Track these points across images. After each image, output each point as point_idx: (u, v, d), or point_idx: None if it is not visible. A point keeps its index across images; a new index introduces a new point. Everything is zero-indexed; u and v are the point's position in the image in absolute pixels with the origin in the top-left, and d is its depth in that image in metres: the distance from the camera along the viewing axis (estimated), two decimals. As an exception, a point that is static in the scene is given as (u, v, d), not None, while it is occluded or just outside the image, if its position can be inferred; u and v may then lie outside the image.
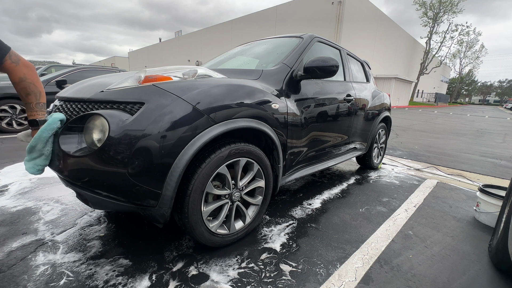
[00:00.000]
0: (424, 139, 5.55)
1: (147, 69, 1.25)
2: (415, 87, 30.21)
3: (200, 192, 1.16)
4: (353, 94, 2.33)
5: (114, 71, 5.79)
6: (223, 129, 1.18)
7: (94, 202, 1.13)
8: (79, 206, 1.80)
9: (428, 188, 2.48)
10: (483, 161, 3.78)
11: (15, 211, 1.69)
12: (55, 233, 1.46)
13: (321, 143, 1.98)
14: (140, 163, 1.01)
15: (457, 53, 42.79)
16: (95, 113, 1.04)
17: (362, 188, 2.42)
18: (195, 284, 1.13)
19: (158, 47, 37.43)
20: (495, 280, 1.24)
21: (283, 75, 1.64)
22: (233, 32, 24.80)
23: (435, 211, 1.97)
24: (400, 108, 20.02)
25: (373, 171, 3.00)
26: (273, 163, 1.56)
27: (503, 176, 3.04)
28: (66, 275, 1.14)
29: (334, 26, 17.24)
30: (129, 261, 1.25)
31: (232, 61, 2.27)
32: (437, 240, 1.57)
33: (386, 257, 1.37)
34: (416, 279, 1.22)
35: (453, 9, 29.94)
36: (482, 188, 1.86)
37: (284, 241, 1.48)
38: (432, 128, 7.96)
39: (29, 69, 1.07)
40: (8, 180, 2.20)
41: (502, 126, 10.11)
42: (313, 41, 1.97)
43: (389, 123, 3.23)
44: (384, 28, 22.89)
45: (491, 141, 5.88)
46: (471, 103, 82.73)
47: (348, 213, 1.87)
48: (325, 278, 1.19)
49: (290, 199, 2.07)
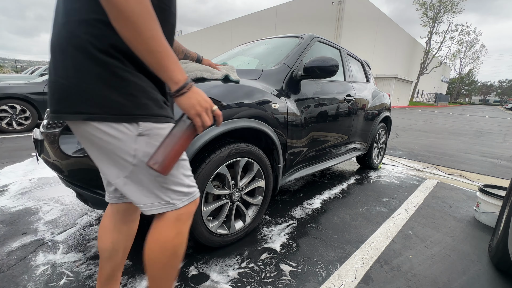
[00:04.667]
0: (424, 139, 5.55)
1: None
2: (415, 87, 30.21)
3: (200, 192, 1.16)
4: (353, 94, 2.33)
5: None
6: (223, 129, 1.18)
7: (94, 202, 1.13)
8: (79, 206, 1.80)
9: (428, 188, 2.48)
10: (483, 161, 3.78)
11: (15, 211, 1.69)
12: (55, 233, 1.46)
13: (321, 143, 1.98)
14: (140, 163, 1.00)
15: (457, 53, 42.81)
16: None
17: (362, 188, 2.42)
18: (195, 284, 1.13)
19: (158, 47, 37.41)
20: (495, 280, 1.24)
21: (283, 75, 1.64)
22: (233, 32, 24.81)
23: (435, 211, 1.97)
24: (400, 108, 20.02)
25: (373, 171, 3.00)
26: (273, 163, 1.56)
27: (503, 176, 3.04)
28: (66, 275, 1.14)
29: (334, 26, 17.25)
30: (129, 261, 1.25)
31: (232, 61, 2.27)
32: (437, 240, 1.57)
33: (386, 257, 1.37)
34: (416, 279, 1.22)
35: (453, 9, 29.96)
36: (482, 188, 1.86)
37: (284, 241, 1.48)
38: (432, 128, 7.96)
39: None
40: (8, 180, 2.20)
41: (502, 126, 10.12)
42: (313, 41, 1.97)
43: (389, 123, 3.23)
44: (384, 28, 22.89)
45: (491, 141, 5.88)
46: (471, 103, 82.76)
47: (348, 213, 1.87)
48: (325, 278, 1.19)
49: (290, 199, 2.07)
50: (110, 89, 0.56)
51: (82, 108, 0.55)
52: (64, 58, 0.55)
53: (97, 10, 0.52)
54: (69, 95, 0.55)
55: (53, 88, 0.57)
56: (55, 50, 0.56)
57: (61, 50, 0.55)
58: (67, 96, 0.56)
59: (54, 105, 0.57)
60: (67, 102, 0.56)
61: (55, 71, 0.56)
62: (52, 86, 0.57)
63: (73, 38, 0.53)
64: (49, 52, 0.58)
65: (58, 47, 0.55)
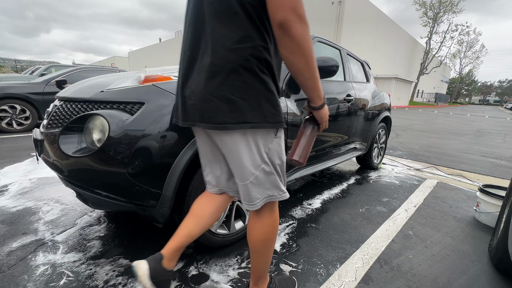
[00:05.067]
0: (424, 139, 5.55)
1: (147, 69, 1.25)
2: (415, 87, 30.20)
3: (200, 192, 1.16)
4: (353, 94, 2.33)
5: (114, 71, 5.79)
6: (223, 129, 1.18)
7: (94, 202, 1.13)
8: (79, 206, 1.80)
9: (428, 188, 2.48)
10: (483, 161, 3.78)
11: (15, 211, 1.69)
12: (55, 233, 1.46)
13: (321, 143, 1.98)
14: (140, 163, 1.01)
15: (457, 53, 42.77)
16: (95, 113, 1.04)
17: (362, 188, 2.42)
18: (195, 284, 1.13)
19: (158, 47, 37.44)
20: (495, 280, 1.24)
21: (283, 75, 1.64)
22: (233, 32, 24.76)
23: (435, 211, 1.97)
24: (400, 108, 20.02)
25: (373, 171, 3.00)
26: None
27: (503, 176, 3.04)
28: (66, 275, 1.14)
29: (334, 26, 17.24)
30: (129, 261, 1.25)
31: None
32: (437, 240, 1.57)
33: (386, 257, 1.37)
34: (416, 279, 1.22)
35: (453, 9, 29.95)
36: (482, 188, 1.86)
37: (284, 241, 1.48)
38: (432, 128, 7.96)
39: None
40: (8, 180, 2.20)
41: (502, 126, 10.11)
42: (313, 41, 1.97)
43: (389, 123, 3.23)
44: (384, 28, 22.88)
45: (491, 141, 5.88)
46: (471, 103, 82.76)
47: (348, 213, 1.87)
48: (325, 278, 1.19)
49: (290, 199, 2.07)
50: (267, 102, 0.70)
51: (248, 118, 0.69)
52: (234, 77, 0.67)
53: (264, 38, 0.68)
54: (236, 108, 0.68)
55: (216, 103, 0.68)
56: (219, 70, 0.67)
57: (231, 70, 0.66)
58: (234, 109, 0.68)
59: (218, 117, 0.69)
60: (235, 113, 0.68)
61: (217, 87, 0.68)
62: (210, 101, 0.69)
63: (244, 61, 0.66)
64: (203, 70, 0.70)
65: (226, 68, 0.66)
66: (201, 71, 0.70)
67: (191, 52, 0.74)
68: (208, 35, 0.69)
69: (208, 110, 0.70)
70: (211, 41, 0.68)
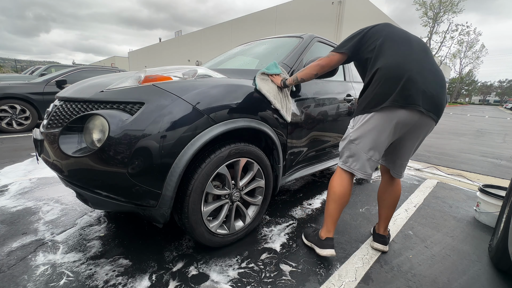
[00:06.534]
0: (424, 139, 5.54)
1: (147, 69, 1.25)
2: (415, 87, 30.08)
3: (200, 192, 1.16)
4: (353, 94, 2.32)
5: (114, 71, 5.79)
6: (223, 129, 1.18)
7: (94, 202, 1.13)
8: (79, 206, 1.80)
9: (428, 188, 2.48)
10: (483, 161, 3.78)
11: (15, 211, 1.69)
12: (55, 233, 1.46)
13: (321, 143, 1.98)
14: (140, 163, 1.01)
15: (457, 53, 42.74)
16: (95, 113, 1.04)
17: (362, 188, 2.42)
18: (195, 284, 1.13)
19: (158, 47, 37.41)
20: (495, 280, 1.24)
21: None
22: (233, 32, 24.79)
23: (435, 211, 1.97)
24: (400, 108, 19.95)
25: (373, 171, 3.00)
26: (273, 163, 1.56)
27: (503, 176, 3.04)
28: (66, 275, 1.14)
29: (334, 26, 17.23)
30: (129, 261, 1.25)
31: (232, 61, 2.27)
32: (437, 240, 1.57)
33: (386, 257, 1.37)
34: (416, 279, 1.22)
35: (453, 9, 29.92)
36: (482, 188, 1.86)
37: (284, 241, 1.48)
38: (432, 128, 7.94)
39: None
40: (8, 180, 2.20)
41: (502, 126, 10.11)
42: (313, 41, 1.97)
43: (389, 123, 3.22)
44: (384, 28, 22.81)
45: (491, 141, 5.87)
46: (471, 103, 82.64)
47: (348, 213, 1.87)
48: (325, 278, 1.19)
49: (290, 199, 2.07)
50: None
51: (440, 114, 1.17)
52: (445, 93, 1.17)
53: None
54: (442, 109, 1.17)
55: (442, 106, 1.16)
56: (443, 91, 1.16)
57: (444, 89, 1.16)
58: (443, 110, 1.18)
59: (438, 113, 1.16)
60: (441, 112, 1.17)
61: (444, 99, 1.16)
62: (442, 106, 1.16)
63: (445, 87, 1.18)
64: (438, 87, 1.14)
65: (444, 89, 1.16)
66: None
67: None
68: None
69: (436, 108, 1.15)
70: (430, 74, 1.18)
